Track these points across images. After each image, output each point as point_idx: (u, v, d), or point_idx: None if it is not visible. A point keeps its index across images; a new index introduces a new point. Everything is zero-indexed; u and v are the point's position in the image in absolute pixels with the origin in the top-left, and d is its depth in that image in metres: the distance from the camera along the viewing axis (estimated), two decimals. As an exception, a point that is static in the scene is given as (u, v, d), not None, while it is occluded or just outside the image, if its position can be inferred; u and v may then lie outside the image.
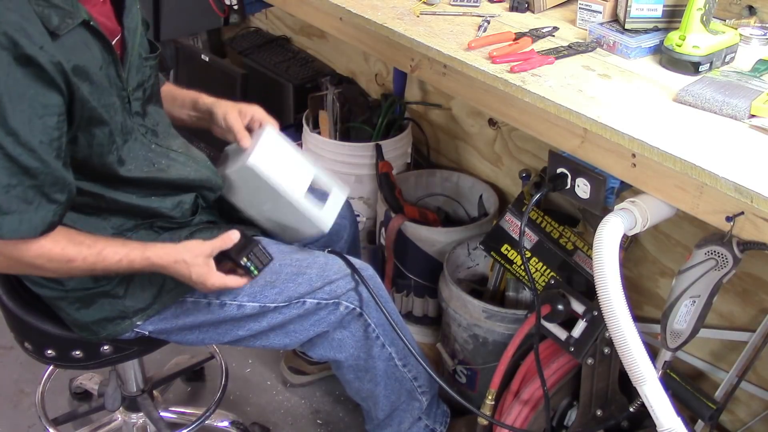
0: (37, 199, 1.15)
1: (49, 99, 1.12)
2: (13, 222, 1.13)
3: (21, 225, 1.14)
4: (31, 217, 1.15)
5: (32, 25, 1.09)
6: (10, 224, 1.13)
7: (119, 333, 1.41)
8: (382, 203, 2.14)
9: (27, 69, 1.09)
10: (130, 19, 1.31)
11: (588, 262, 1.70)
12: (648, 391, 1.13)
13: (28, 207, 1.14)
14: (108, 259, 1.26)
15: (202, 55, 2.67)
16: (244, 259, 1.32)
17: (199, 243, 1.32)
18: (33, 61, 1.09)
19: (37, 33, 1.10)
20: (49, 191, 1.16)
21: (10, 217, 1.13)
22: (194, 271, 1.29)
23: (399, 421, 1.69)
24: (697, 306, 1.19)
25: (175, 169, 1.40)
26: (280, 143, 1.44)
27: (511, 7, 1.63)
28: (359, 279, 1.48)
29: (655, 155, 1.10)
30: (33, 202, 1.14)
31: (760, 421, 1.67)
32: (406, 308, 2.14)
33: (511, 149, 2.11)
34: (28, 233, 1.15)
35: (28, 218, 1.14)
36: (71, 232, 1.25)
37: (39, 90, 1.10)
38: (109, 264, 1.26)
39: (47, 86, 1.11)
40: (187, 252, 1.30)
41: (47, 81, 1.11)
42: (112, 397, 1.76)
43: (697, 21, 1.29)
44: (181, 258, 1.29)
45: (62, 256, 1.22)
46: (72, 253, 1.23)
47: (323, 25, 1.77)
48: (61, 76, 1.12)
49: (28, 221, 1.14)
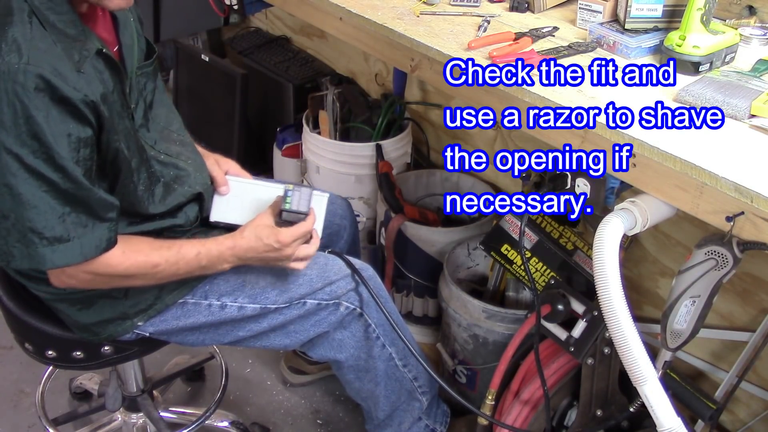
0: (91, 221, 1.20)
1: (85, 133, 1.15)
2: (75, 247, 1.19)
3: (83, 248, 1.20)
4: (90, 239, 1.20)
5: (63, 65, 1.12)
6: (73, 250, 1.19)
7: (120, 334, 1.42)
8: (382, 203, 2.14)
9: (63, 108, 1.12)
10: (126, 36, 1.32)
11: (588, 262, 1.70)
12: (648, 391, 1.13)
13: (85, 230, 1.19)
14: (187, 255, 1.33)
15: (202, 55, 2.67)
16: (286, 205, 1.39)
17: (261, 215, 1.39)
18: (69, 101, 1.11)
19: (69, 72, 1.12)
20: (100, 212, 1.21)
21: (71, 243, 1.18)
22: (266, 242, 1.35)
23: (399, 421, 1.69)
24: (697, 306, 1.19)
25: (187, 184, 1.42)
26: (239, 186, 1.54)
27: (511, 7, 1.63)
28: (359, 279, 1.48)
29: (655, 155, 1.10)
30: (88, 225, 1.19)
31: (760, 421, 1.67)
32: (406, 308, 2.14)
33: (511, 149, 2.11)
34: (91, 253, 1.21)
35: (88, 240, 1.20)
36: (148, 240, 1.32)
37: (75, 126, 1.14)
38: (189, 261, 1.33)
39: (81, 122, 1.14)
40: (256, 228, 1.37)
41: (81, 117, 1.14)
42: (113, 397, 1.76)
43: (697, 21, 1.29)
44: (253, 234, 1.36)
45: (147, 263, 1.29)
46: (155, 258, 1.30)
47: (323, 25, 1.77)
48: (91, 111, 1.15)
49: (89, 243, 1.20)
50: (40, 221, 1.15)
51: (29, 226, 1.14)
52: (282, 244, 1.36)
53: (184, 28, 2.70)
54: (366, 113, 2.30)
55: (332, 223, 1.71)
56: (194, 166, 1.47)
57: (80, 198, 1.17)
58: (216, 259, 1.36)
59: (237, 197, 1.52)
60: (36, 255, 1.16)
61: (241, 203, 1.51)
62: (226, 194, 1.52)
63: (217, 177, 1.51)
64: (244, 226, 1.39)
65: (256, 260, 1.39)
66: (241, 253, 1.37)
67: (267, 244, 1.36)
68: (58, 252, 1.17)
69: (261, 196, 1.49)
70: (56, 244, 1.17)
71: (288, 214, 1.39)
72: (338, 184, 2.24)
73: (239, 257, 1.37)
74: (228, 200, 1.52)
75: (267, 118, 2.75)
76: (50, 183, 1.13)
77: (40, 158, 1.11)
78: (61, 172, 1.13)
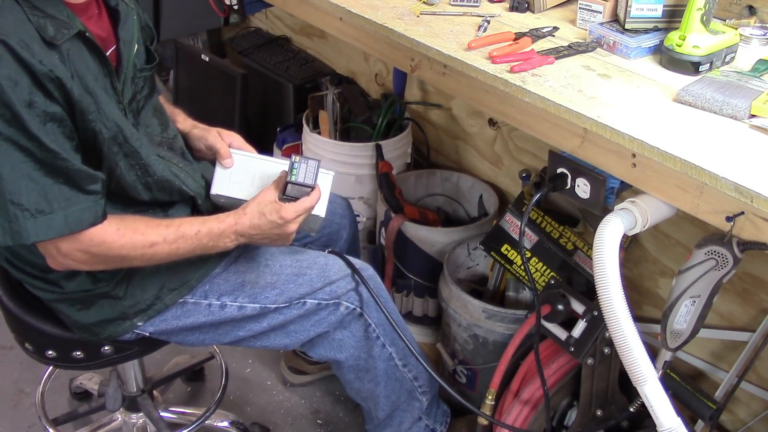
0: (74, 194, 1.17)
1: (52, 108, 1.14)
2: (58, 219, 1.16)
3: (67, 220, 1.17)
4: (74, 211, 1.18)
5: (31, 38, 1.11)
6: (57, 221, 1.16)
7: (120, 334, 1.42)
8: (382, 203, 2.14)
9: (29, 78, 1.10)
10: (126, 31, 1.32)
11: (588, 262, 1.70)
12: (648, 391, 1.13)
13: (68, 202, 1.17)
14: (187, 233, 1.30)
15: (202, 55, 2.67)
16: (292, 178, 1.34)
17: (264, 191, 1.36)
18: (33, 73, 1.10)
19: (36, 45, 1.11)
20: (82, 184, 1.18)
21: (54, 215, 1.16)
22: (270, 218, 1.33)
23: (399, 421, 1.69)
24: (697, 306, 1.19)
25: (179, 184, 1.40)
26: (243, 160, 1.46)
27: (511, 7, 1.63)
28: (359, 279, 1.48)
29: (655, 155, 1.10)
30: (71, 197, 1.17)
31: (760, 421, 1.67)
32: (406, 308, 2.14)
33: (511, 149, 2.11)
34: (77, 226, 1.19)
35: (72, 213, 1.17)
36: (145, 218, 1.30)
37: (41, 99, 1.12)
38: (189, 238, 1.30)
39: (47, 96, 1.13)
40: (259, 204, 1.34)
41: (46, 91, 1.12)
42: (113, 397, 1.76)
43: (697, 21, 1.29)
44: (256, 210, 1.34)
45: (144, 240, 1.26)
46: (152, 237, 1.27)
47: (323, 25, 1.77)
48: (56, 88, 1.13)
49: (73, 216, 1.18)
50: (21, 193, 1.13)
51: (9, 199, 1.12)
52: (285, 220, 1.33)
53: (184, 28, 2.69)
54: (366, 113, 2.30)
55: (332, 223, 1.71)
56: (186, 172, 1.44)
57: (59, 168, 1.15)
58: (218, 237, 1.33)
59: (240, 171, 1.45)
60: (19, 229, 1.14)
61: (244, 178, 1.44)
62: (230, 167, 1.45)
63: (220, 149, 1.45)
64: (246, 203, 1.36)
65: (259, 237, 1.36)
66: (244, 230, 1.34)
67: (270, 221, 1.33)
68: (41, 224, 1.15)
69: (266, 171, 1.43)
70: (38, 216, 1.14)
71: (293, 187, 1.34)
72: (338, 184, 2.22)
73: (241, 234, 1.34)
74: (230, 174, 1.45)
75: (267, 118, 2.75)
76: (27, 152, 1.12)
77: (13, 126, 1.10)
78: (36, 141, 1.11)
